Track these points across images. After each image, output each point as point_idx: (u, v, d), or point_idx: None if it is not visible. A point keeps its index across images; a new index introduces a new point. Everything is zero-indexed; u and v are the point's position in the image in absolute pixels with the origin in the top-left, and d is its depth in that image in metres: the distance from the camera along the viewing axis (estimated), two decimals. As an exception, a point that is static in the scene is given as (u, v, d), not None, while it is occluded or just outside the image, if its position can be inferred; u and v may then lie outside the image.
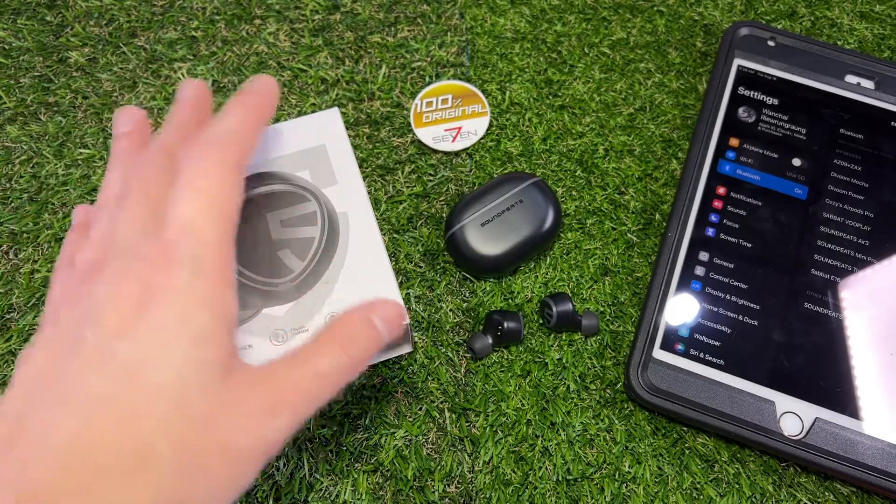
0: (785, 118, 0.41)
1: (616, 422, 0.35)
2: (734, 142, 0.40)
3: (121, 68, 0.44)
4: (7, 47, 0.44)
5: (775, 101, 0.41)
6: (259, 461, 0.23)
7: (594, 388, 0.36)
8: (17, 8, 0.46)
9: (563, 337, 0.37)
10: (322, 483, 0.34)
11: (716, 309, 0.36)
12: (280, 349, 0.32)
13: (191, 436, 0.22)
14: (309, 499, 0.33)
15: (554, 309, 0.36)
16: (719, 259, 0.37)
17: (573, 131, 0.42)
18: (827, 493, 0.34)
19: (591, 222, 0.40)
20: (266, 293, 0.33)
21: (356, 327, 0.26)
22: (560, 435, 0.35)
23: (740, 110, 0.41)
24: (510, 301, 0.38)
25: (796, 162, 0.39)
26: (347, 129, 0.41)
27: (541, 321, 0.37)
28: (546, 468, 0.34)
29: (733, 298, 0.36)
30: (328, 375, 0.25)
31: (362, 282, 0.33)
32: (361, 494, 0.33)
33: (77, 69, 0.44)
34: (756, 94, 0.41)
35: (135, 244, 0.24)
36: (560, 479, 0.34)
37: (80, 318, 0.23)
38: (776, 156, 0.40)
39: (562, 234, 0.40)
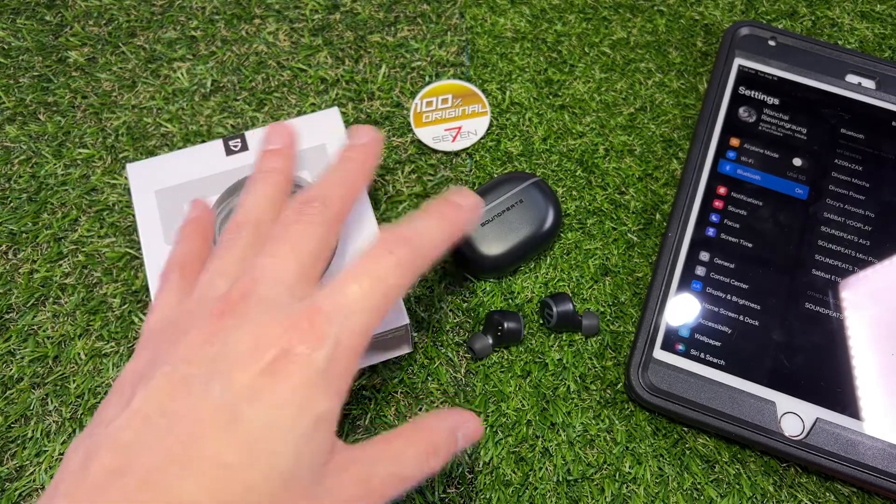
0: (786, 118, 0.40)
1: (616, 422, 0.35)
2: (735, 142, 0.40)
3: (120, 68, 0.44)
4: (6, 47, 0.44)
5: (776, 101, 0.41)
6: None
7: (594, 388, 0.36)
8: (17, 7, 0.46)
9: (564, 337, 0.37)
10: (322, 484, 0.34)
11: (716, 309, 0.36)
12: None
13: None
14: (309, 499, 0.33)
15: (554, 309, 0.36)
16: (720, 259, 0.37)
17: (573, 131, 0.42)
18: (828, 494, 0.34)
19: (591, 222, 0.40)
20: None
21: (443, 438, 0.26)
22: (560, 435, 0.35)
23: (741, 110, 0.41)
24: (510, 301, 0.38)
25: (797, 162, 0.39)
26: (347, 128, 0.41)
27: (541, 321, 0.37)
28: (546, 469, 0.34)
29: (734, 298, 0.36)
30: (410, 479, 0.25)
31: (362, 282, 0.33)
32: (361, 495, 0.33)
33: (76, 69, 0.44)
34: (757, 93, 0.41)
35: (282, 303, 0.24)
36: (560, 479, 0.34)
37: (211, 362, 0.22)
38: (777, 156, 0.40)
39: (562, 234, 0.40)
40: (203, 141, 0.41)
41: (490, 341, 0.36)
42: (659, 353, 0.35)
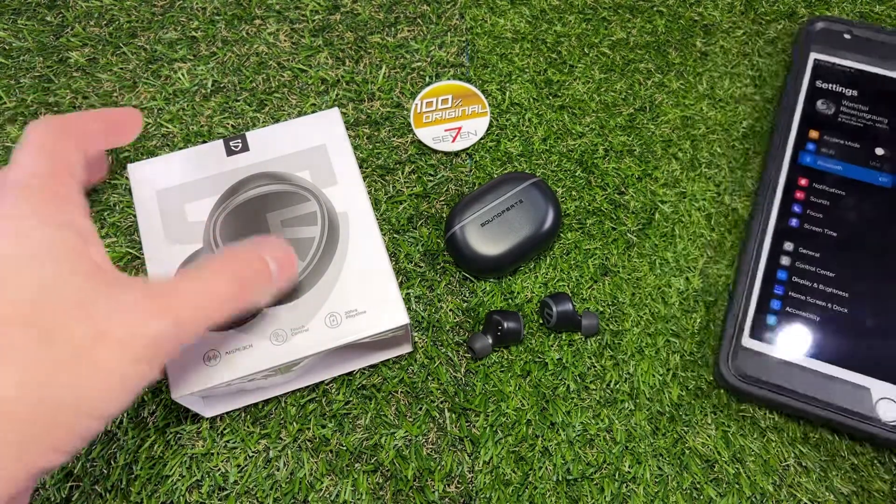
0: (865, 109, 0.41)
1: (616, 421, 0.35)
2: (814, 134, 0.40)
3: (121, 68, 0.44)
4: (7, 47, 0.44)
5: (854, 93, 0.41)
6: (139, 359, 0.23)
7: (594, 387, 0.36)
8: (18, 8, 0.46)
9: (563, 337, 0.37)
10: (322, 483, 0.34)
11: (803, 297, 0.36)
12: (280, 349, 0.32)
13: (60, 320, 0.22)
14: (309, 499, 0.33)
15: (554, 309, 0.36)
16: (804, 249, 0.38)
17: (573, 131, 0.43)
18: (827, 493, 0.34)
19: (590, 222, 0.40)
20: (266, 293, 0.33)
21: (249, 260, 0.27)
22: (560, 435, 0.35)
23: (818, 103, 0.41)
24: (510, 301, 0.38)
25: (879, 151, 0.40)
26: (347, 129, 0.41)
27: (541, 321, 0.37)
28: (546, 468, 0.34)
29: (821, 287, 0.37)
30: (219, 296, 0.26)
31: (362, 282, 0.33)
32: (361, 494, 0.33)
33: (77, 69, 0.44)
34: (834, 86, 0.42)
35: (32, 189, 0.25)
36: (560, 479, 0.34)
37: None
38: (858, 146, 0.40)
39: (562, 234, 0.40)
40: (204, 141, 0.41)
41: (490, 341, 0.36)
42: (747, 342, 0.36)
